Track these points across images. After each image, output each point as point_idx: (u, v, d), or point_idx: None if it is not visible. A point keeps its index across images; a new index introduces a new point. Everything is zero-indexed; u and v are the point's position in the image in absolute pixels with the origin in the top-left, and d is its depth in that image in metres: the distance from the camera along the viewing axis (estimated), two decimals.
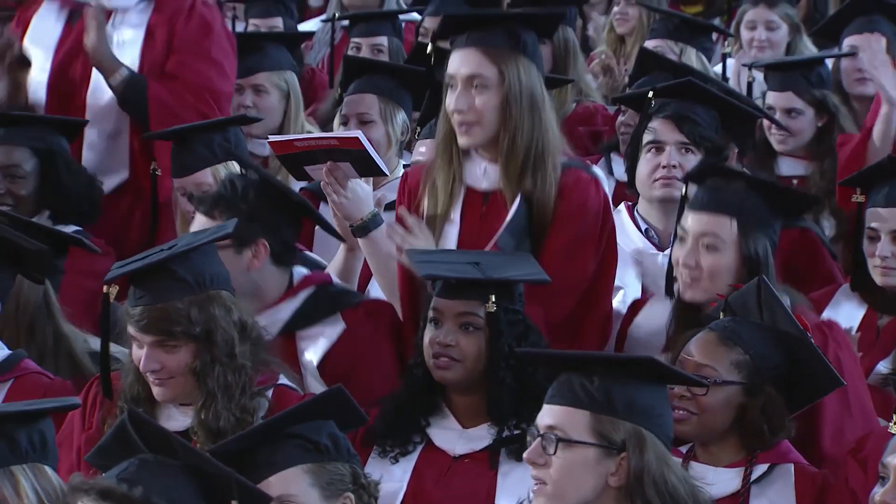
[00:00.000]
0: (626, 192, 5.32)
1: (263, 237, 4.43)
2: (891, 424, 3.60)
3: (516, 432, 4.01)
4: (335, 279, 4.65)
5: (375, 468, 4.02)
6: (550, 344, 4.13)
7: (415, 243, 4.37)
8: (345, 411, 3.64)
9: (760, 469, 3.94)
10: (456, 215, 4.45)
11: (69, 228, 5.31)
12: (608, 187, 4.96)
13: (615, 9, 8.53)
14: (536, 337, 4.15)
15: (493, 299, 4.01)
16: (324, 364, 4.50)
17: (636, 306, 4.67)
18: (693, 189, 4.66)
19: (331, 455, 3.61)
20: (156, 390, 4.02)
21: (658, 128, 4.97)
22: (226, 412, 4.00)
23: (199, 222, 4.49)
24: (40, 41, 5.87)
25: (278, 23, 7.94)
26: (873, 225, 4.71)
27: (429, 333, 4.10)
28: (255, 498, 3.16)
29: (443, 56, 4.58)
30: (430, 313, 4.13)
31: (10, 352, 4.37)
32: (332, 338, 4.50)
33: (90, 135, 5.70)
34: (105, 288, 3.99)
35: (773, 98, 6.08)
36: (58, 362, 4.50)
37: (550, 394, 3.46)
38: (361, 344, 4.52)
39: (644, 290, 4.87)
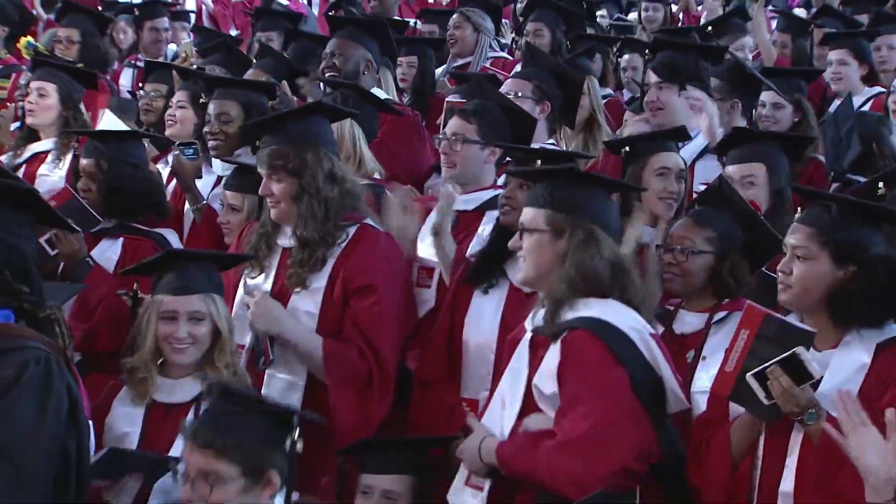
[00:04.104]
0: None
1: (496, 147, 5.07)
2: None
3: None
4: None
5: (476, 304, 4.64)
6: None
7: None
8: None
9: (720, 314, 4.29)
10: None
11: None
12: None
13: None
14: None
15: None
16: None
17: None
18: None
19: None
20: (272, 212, 4.67)
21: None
22: (310, 229, 4.57)
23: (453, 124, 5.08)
24: None
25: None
26: None
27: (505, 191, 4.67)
28: (311, 419, 3.63)
29: None
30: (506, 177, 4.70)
31: None
32: None
33: None
34: None
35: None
36: None
37: (525, 199, 4.03)
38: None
39: None
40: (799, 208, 4.02)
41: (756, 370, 3.63)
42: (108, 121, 6.10)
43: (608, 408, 3.78)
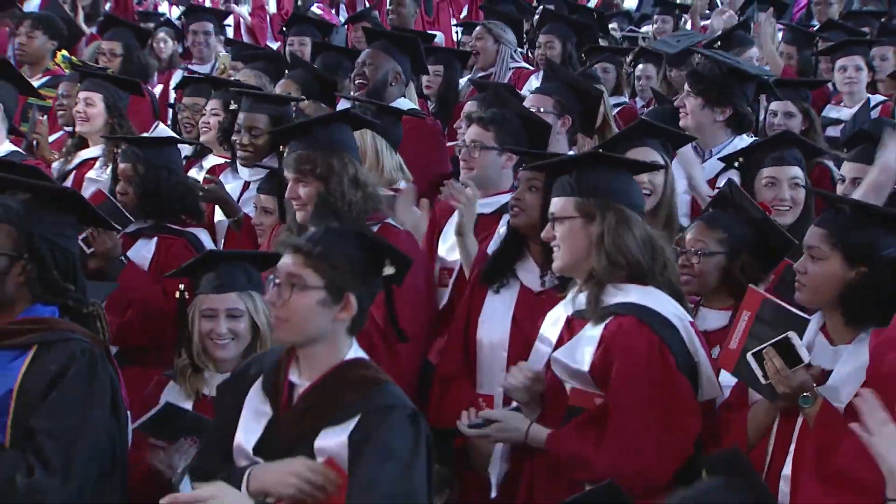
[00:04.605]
0: None
1: (511, 152, 5.14)
2: None
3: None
4: None
5: (489, 303, 4.66)
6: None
7: None
8: None
9: None
10: None
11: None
12: None
13: None
14: None
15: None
16: None
17: None
18: None
19: None
20: (298, 215, 4.72)
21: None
22: None
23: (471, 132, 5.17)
24: None
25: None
26: None
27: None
28: (403, 261, 3.53)
29: None
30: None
31: None
32: None
33: None
34: None
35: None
36: None
37: (553, 190, 4.03)
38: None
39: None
40: None
41: (754, 350, 3.75)
42: (159, 132, 6.28)
43: (667, 402, 3.81)
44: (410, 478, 3.27)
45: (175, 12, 12.70)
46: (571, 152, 5.79)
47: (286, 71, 7.39)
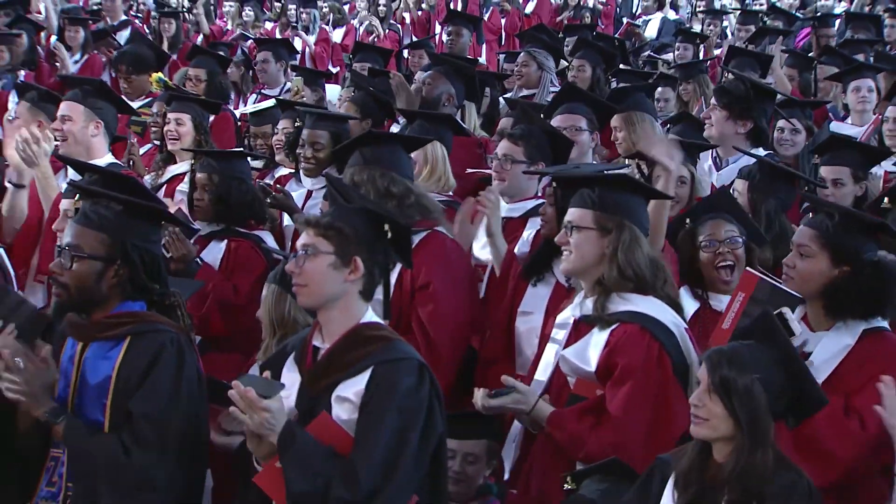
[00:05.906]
0: None
1: (542, 161, 5.30)
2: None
3: None
4: None
5: (528, 296, 4.84)
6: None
7: None
8: None
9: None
10: None
11: None
12: None
13: None
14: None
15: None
16: None
17: None
18: None
19: None
20: None
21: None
22: None
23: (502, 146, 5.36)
24: None
25: None
26: None
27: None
28: (401, 231, 3.72)
29: None
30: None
31: None
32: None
33: None
34: None
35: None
36: None
37: (571, 201, 4.11)
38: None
39: None
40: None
41: None
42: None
43: (660, 402, 3.91)
44: (411, 421, 3.47)
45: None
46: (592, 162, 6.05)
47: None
